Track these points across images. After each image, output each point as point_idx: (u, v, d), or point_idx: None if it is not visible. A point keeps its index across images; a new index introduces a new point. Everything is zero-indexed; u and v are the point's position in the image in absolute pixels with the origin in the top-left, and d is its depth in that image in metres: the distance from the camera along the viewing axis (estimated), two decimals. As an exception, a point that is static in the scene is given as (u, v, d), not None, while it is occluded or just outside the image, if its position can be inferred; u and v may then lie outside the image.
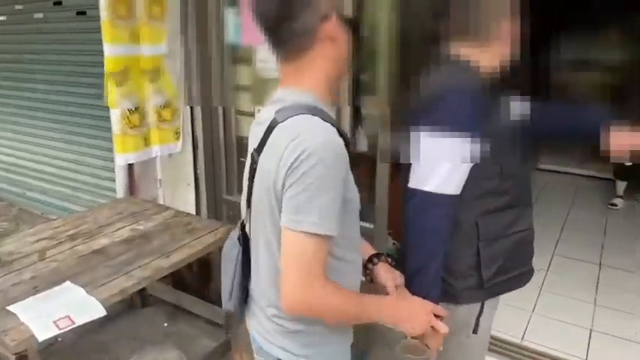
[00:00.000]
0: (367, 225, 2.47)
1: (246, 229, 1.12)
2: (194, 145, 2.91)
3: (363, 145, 2.79)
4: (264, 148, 0.98)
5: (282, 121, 0.94)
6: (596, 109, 1.31)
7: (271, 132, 0.96)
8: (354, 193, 1.00)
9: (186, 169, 2.93)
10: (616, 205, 4.19)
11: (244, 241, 1.12)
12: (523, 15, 1.12)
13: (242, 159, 2.97)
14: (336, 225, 0.92)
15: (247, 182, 1.07)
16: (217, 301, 2.50)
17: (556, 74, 5.03)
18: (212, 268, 2.54)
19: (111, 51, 2.41)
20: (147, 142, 2.72)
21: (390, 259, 1.24)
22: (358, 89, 2.62)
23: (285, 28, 0.94)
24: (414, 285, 1.15)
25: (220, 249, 1.24)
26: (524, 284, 1.31)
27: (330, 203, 0.90)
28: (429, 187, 1.09)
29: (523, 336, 2.44)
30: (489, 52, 1.13)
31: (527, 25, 1.13)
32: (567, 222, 3.90)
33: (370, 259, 1.23)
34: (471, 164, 1.10)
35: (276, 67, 1.06)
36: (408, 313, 1.06)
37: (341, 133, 0.95)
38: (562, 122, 1.35)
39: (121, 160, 2.63)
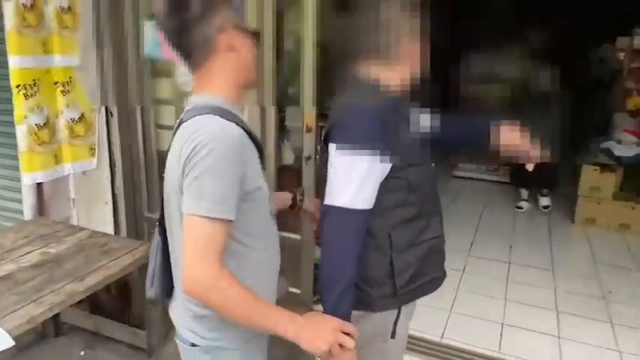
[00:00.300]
0: (294, 236, 2.51)
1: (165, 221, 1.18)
2: (111, 161, 2.78)
3: (288, 158, 2.82)
4: (171, 146, 1.09)
5: (185, 121, 1.07)
6: (493, 118, 1.43)
7: (177, 131, 1.09)
8: (260, 184, 1.10)
9: (103, 187, 2.79)
10: (522, 208, 4.57)
11: (163, 231, 1.19)
12: (425, 36, 1.20)
13: (163, 174, 2.88)
14: (231, 210, 1.00)
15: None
16: (139, 325, 2.41)
17: (465, 87, 5.47)
18: (132, 289, 2.43)
19: (18, 63, 2.25)
20: (57, 159, 2.55)
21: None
22: (284, 102, 2.67)
23: (185, 41, 1.06)
24: (324, 301, 1.15)
25: (141, 268, 1.23)
26: (437, 288, 1.36)
27: (223, 189, 0.99)
28: (341, 202, 1.11)
29: (442, 334, 2.59)
30: (396, 71, 1.20)
31: (429, 45, 1.21)
32: (480, 224, 4.20)
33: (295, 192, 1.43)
34: (381, 179, 1.15)
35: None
36: (312, 330, 1.02)
37: (249, 134, 1.08)
38: (465, 131, 1.47)
39: (27, 179, 2.45)
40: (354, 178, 1.11)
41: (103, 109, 2.70)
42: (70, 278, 1.80)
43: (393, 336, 1.31)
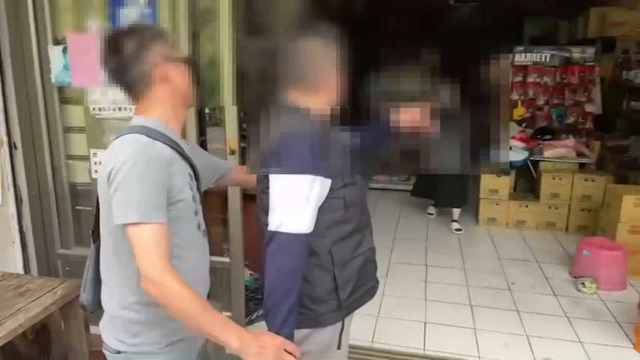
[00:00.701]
0: (223, 259, 2.51)
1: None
2: (17, 197, 2.59)
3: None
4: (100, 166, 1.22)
5: (115, 139, 1.19)
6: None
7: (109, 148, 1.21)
8: (184, 197, 1.20)
9: (9, 226, 2.58)
10: (432, 214, 4.92)
11: (96, 242, 1.30)
12: (344, 65, 1.31)
13: (78, 207, 2.74)
14: (159, 215, 1.10)
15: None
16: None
17: (374, 105, 5.79)
18: (52, 333, 2.27)
19: None
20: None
21: None
22: (203, 123, 2.67)
23: (125, 79, 1.20)
24: (269, 321, 1.19)
25: (62, 308, 1.25)
26: (374, 296, 1.47)
27: (146, 198, 1.08)
28: (284, 228, 1.15)
29: (372, 338, 2.72)
30: (320, 97, 1.28)
31: (347, 73, 1.32)
32: (397, 232, 4.46)
33: None
34: (320, 201, 1.21)
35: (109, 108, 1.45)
36: (257, 347, 1.07)
37: (181, 153, 1.23)
38: (378, 139, 1.57)
39: None
40: (295, 204, 1.16)
41: (6, 141, 2.52)
42: (-17, 326, 1.66)
43: (339, 347, 1.39)
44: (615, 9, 5.66)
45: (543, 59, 5.28)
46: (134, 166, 1.09)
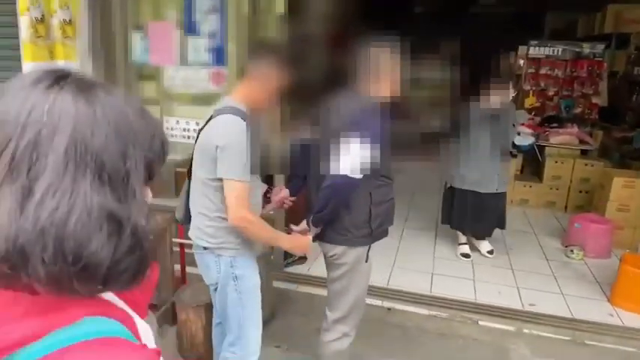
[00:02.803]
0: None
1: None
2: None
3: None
4: (204, 130, 1.76)
5: (216, 117, 1.71)
6: None
7: (209, 121, 1.74)
8: (254, 160, 1.74)
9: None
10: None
11: (189, 179, 1.90)
12: (397, 69, 1.83)
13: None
14: (247, 176, 1.68)
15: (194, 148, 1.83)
16: None
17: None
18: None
19: (31, 68, 2.64)
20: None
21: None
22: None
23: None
24: (321, 210, 1.83)
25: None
26: (387, 235, 2.05)
27: (242, 163, 1.65)
28: (348, 172, 1.73)
29: (388, 282, 3.29)
30: (381, 88, 1.81)
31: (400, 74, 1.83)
32: (411, 203, 4.99)
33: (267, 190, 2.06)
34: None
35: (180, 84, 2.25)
36: (295, 243, 1.91)
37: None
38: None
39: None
40: (359, 158, 1.72)
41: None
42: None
43: (366, 260, 1.97)
44: (631, 6, 5.97)
45: (556, 53, 5.69)
46: (238, 144, 1.65)
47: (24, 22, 2.61)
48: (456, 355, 2.67)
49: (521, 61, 6.08)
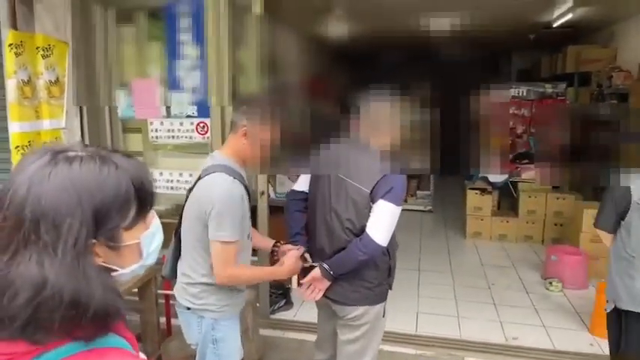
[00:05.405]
0: (253, 259, 3.11)
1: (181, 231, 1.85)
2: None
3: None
4: (194, 190, 1.76)
5: (203, 177, 1.72)
6: None
7: (198, 181, 1.75)
8: (246, 219, 1.77)
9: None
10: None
11: (178, 237, 1.87)
12: (397, 122, 1.89)
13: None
14: (239, 234, 1.69)
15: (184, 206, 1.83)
16: None
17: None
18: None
19: (18, 128, 2.72)
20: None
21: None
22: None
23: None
24: (340, 267, 1.87)
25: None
26: None
27: (233, 223, 1.67)
28: (379, 240, 1.80)
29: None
30: (381, 138, 1.88)
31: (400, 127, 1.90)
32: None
33: (275, 245, 2.02)
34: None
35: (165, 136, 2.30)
36: (291, 271, 1.89)
37: (245, 186, 1.74)
38: None
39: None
40: (392, 224, 1.82)
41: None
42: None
43: (384, 315, 2.01)
44: (588, 47, 6.39)
45: (520, 94, 6.01)
46: (225, 203, 1.65)
47: (11, 85, 2.69)
48: (444, 393, 2.69)
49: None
